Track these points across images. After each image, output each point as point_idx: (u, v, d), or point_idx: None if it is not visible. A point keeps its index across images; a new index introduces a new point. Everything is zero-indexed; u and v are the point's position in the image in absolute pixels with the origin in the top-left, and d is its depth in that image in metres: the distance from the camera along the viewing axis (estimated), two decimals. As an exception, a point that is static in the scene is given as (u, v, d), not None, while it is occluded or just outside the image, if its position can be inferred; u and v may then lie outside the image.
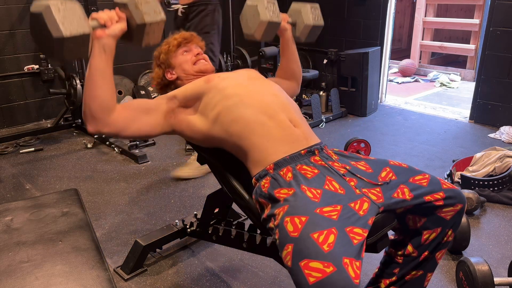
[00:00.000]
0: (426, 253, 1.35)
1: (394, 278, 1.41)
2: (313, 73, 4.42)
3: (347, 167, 1.27)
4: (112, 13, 1.25)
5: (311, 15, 1.66)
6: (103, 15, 1.23)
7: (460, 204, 1.29)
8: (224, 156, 1.44)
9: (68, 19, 1.09)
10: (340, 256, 0.99)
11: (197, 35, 1.68)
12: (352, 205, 1.14)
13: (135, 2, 1.23)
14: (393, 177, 1.27)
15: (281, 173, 1.23)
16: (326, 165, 1.26)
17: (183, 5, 2.79)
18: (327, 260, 0.98)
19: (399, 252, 1.40)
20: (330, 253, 0.99)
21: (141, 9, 1.23)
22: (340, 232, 1.04)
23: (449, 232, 1.33)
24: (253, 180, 1.31)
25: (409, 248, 1.37)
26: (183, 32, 1.66)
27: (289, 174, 1.22)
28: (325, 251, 0.99)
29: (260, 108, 1.34)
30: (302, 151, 1.28)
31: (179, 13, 2.80)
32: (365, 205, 1.16)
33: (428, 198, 1.26)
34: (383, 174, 1.28)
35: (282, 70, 1.74)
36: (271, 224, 1.18)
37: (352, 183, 1.22)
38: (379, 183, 1.25)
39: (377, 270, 1.49)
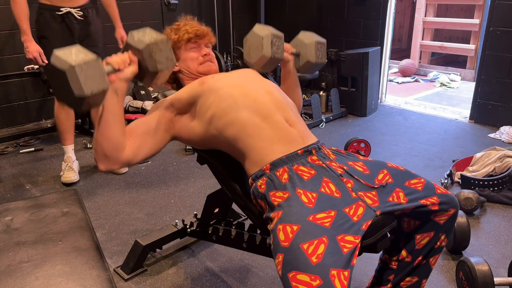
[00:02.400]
0: (420, 258, 1.35)
1: (389, 285, 1.41)
2: (313, 73, 4.43)
3: (345, 168, 1.27)
4: (125, 56, 1.24)
5: (316, 52, 1.61)
6: (117, 59, 1.23)
7: (453, 209, 1.30)
8: (223, 156, 1.44)
9: (89, 79, 1.10)
10: (328, 268, 0.99)
11: (211, 31, 1.60)
12: (347, 210, 1.14)
13: (150, 51, 1.23)
14: (390, 180, 1.27)
15: (277, 173, 1.23)
16: (324, 165, 1.26)
17: (76, 8, 2.56)
18: (314, 272, 0.98)
19: (394, 258, 1.40)
20: (318, 265, 0.99)
21: (154, 57, 1.24)
22: (330, 241, 1.04)
23: (442, 237, 1.33)
24: (250, 180, 1.31)
25: (403, 253, 1.37)
26: (195, 23, 1.58)
27: (285, 175, 1.21)
28: (313, 263, 1.00)
29: (254, 108, 1.33)
30: (299, 151, 1.27)
31: (76, 18, 2.56)
32: (360, 210, 1.16)
33: (423, 201, 1.26)
34: (380, 177, 1.28)
35: None
36: (268, 227, 1.19)
37: (349, 185, 1.22)
38: (376, 186, 1.24)
39: (372, 278, 1.50)
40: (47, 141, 3.50)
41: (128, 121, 3.85)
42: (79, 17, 2.58)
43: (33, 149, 3.28)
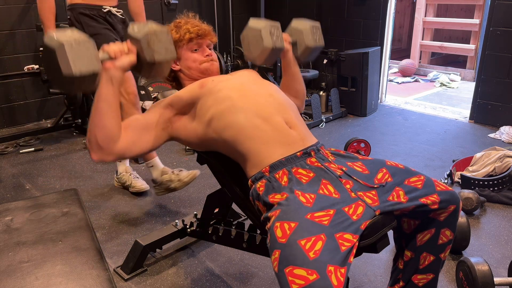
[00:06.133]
0: (424, 254, 1.35)
1: (401, 284, 1.43)
2: (313, 73, 4.43)
3: (344, 169, 1.27)
4: (123, 46, 1.24)
5: (313, 36, 1.59)
6: (114, 47, 1.23)
7: (453, 206, 1.29)
8: (223, 156, 1.44)
9: (79, 58, 1.09)
10: (325, 264, 0.99)
11: (212, 29, 1.58)
12: (346, 209, 1.14)
13: (148, 40, 1.22)
14: (389, 179, 1.27)
15: (277, 176, 1.23)
16: (322, 167, 1.26)
17: (114, 7, 2.42)
18: (311, 267, 0.98)
19: (399, 259, 1.43)
20: (315, 260, 0.99)
21: (152, 47, 1.23)
22: (329, 238, 1.04)
23: (447, 233, 1.33)
24: (249, 182, 1.31)
25: (407, 253, 1.39)
26: (197, 22, 1.56)
27: (285, 178, 1.22)
28: (310, 258, 1.00)
29: (254, 110, 1.33)
30: (298, 153, 1.27)
31: (117, 17, 2.43)
32: (360, 209, 1.16)
33: (423, 200, 1.26)
34: (379, 176, 1.28)
35: (285, 88, 1.67)
36: (266, 227, 1.19)
37: (348, 186, 1.22)
38: (375, 186, 1.24)
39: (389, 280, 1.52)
40: (47, 141, 3.49)
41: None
42: (121, 16, 2.45)
43: (33, 149, 3.28)
